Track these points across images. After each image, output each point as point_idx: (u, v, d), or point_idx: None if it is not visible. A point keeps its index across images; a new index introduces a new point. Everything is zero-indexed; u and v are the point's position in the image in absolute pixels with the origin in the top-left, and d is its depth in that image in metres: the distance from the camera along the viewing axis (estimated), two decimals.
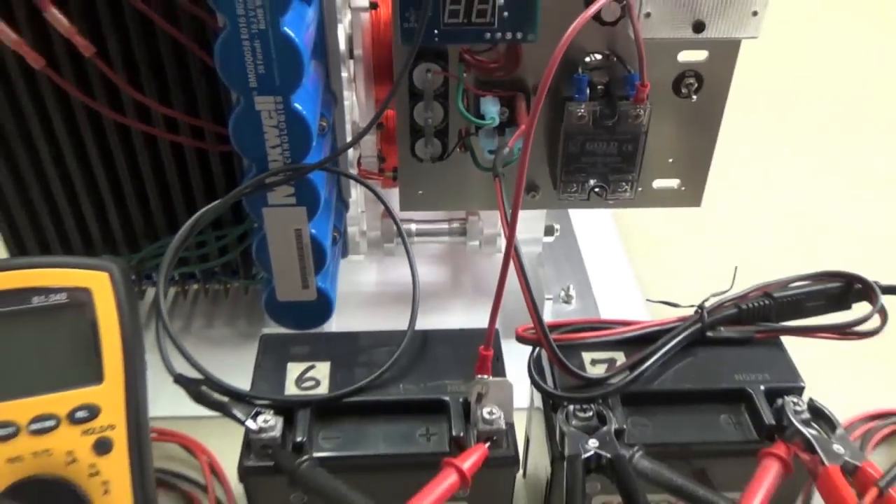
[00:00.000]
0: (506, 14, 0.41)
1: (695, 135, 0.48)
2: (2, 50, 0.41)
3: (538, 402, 0.39)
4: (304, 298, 0.45)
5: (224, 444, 0.45)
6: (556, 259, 0.60)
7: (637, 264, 0.62)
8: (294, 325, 0.46)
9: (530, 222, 0.55)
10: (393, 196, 0.49)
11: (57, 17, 0.40)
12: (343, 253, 0.51)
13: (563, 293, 0.56)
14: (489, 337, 0.35)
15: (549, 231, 0.56)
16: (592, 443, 0.33)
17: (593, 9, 0.36)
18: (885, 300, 0.39)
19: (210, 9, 0.39)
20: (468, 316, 0.57)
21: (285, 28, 0.35)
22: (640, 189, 0.49)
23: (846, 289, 0.40)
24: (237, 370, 0.38)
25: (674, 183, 0.50)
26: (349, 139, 0.48)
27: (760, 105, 0.79)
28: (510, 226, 0.34)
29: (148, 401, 0.36)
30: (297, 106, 0.37)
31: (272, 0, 0.34)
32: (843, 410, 0.49)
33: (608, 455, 0.33)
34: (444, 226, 0.56)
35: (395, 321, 0.48)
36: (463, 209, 0.55)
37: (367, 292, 0.58)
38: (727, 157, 0.49)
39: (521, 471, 0.44)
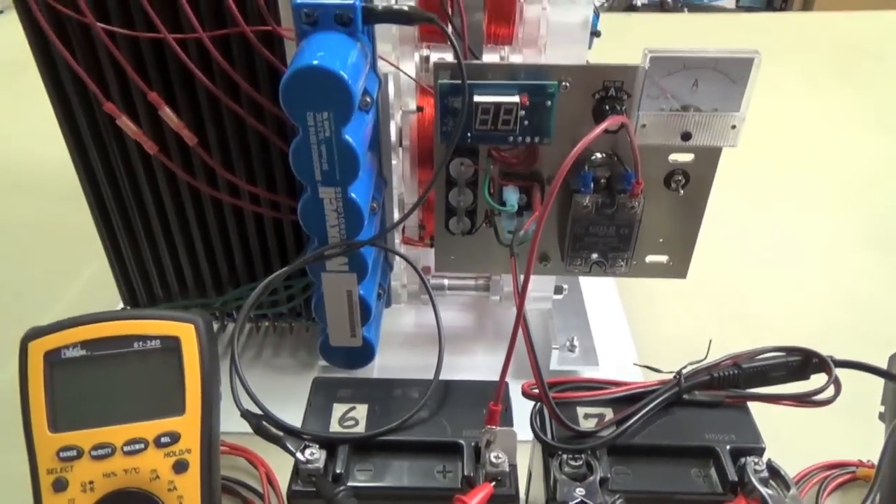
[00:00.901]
0: (526, 123, 0.41)
1: (682, 220, 0.47)
2: (125, 139, 0.43)
3: None
4: (351, 345, 0.45)
5: (280, 460, 0.45)
6: (564, 312, 0.59)
7: (632, 318, 0.61)
8: (342, 365, 0.47)
9: (543, 283, 0.55)
10: (429, 255, 0.49)
11: (169, 115, 0.41)
12: (387, 304, 0.52)
13: (568, 343, 0.56)
14: (498, 394, 0.34)
15: (558, 290, 0.56)
16: (579, 491, 0.32)
17: (602, 126, 0.36)
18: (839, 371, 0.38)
19: None
20: (488, 356, 0.57)
21: (346, 136, 0.35)
22: (634, 263, 0.49)
23: (805, 362, 0.39)
24: (297, 393, 0.39)
25: (663, 259, 0.49)
26: (396, 211, 0.49)
27: (742, 193, 0.78)
28: (519, 301, 0.34)
29: (220, 422, 0.36)
30: (353, 195, 0.38)
31: (336, 114, 0.35)
32: (803, 460, 0.48)
33: (591, 503, 0.32)
34: (472, 282, 0.56)
35: (428, 358, 0.49)
36: (486, 273, 0.55)
37: (406, 332, 0.58)
38: (711, 237, 0.49)
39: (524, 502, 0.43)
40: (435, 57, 0.47)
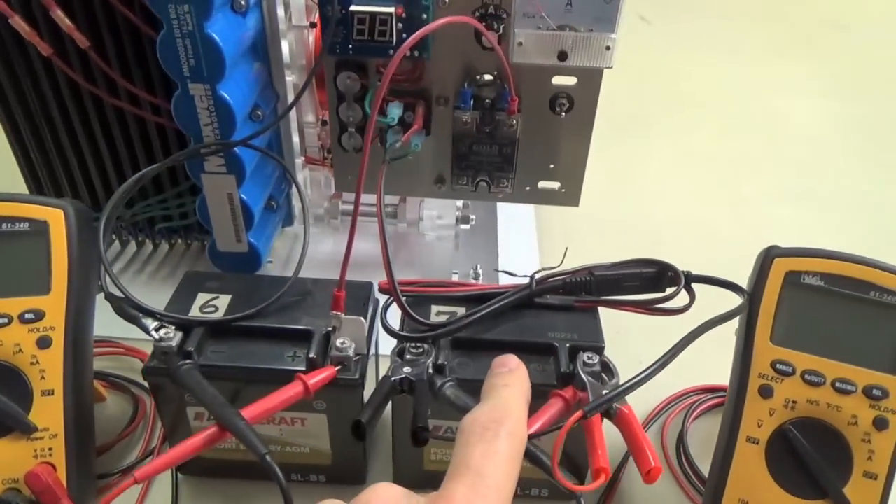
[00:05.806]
0: (404, 35, 0.42)
1: (569, 146, 0.48)
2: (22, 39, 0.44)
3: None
4: (237, 250, 0.47)
5: None
6: (474, 243, 0.60)
7: (544, 252, 0.62)
8: (230, 271, 0.48)
9: (446, 210, 0.57)
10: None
11: (60, 16, 0.43)
12: (287, 222, 0.53)
13: (472, 271, 0.57)
14: (341, 281, 0.36)
15: (464, 220, 0.58)
16: (406, 369, 0.34)
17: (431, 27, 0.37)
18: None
19: None
20: None
21: (209, 31, 0.37)
22: (527, 188, 0.50)
23: (660, 274, 0.40)
24: None
25: (555, 185, 0.50)
26: (295, 135, 0.50)
27: (677, 149, 0.79)
28: (356, 199, 0.35)
29: (94, 316, 0.38)
30: (223, 94, 0.39)
31: (197, 8, 0.36)
32: (682, 383, 0.49)
33: (412, 378, 0.34)
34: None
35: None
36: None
37: (322, 259, 0.60)
38: (639, 186, 0.49)
39: None
40: None
